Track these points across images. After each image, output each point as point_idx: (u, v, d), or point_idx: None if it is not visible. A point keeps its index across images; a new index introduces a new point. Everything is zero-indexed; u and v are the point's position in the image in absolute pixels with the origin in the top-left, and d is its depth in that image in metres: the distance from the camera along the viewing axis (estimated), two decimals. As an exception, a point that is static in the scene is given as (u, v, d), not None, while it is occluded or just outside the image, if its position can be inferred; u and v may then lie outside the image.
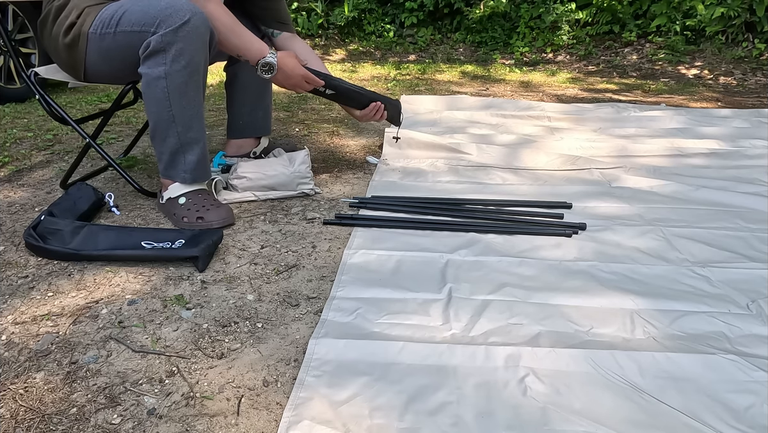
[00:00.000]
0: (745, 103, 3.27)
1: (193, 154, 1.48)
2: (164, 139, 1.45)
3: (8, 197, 1.71)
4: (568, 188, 1.80)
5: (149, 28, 1.33)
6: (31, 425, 0.84)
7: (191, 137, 1.46)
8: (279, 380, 0.94)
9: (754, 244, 1.42)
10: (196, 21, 1.32)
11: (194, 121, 1.45)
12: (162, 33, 1.31)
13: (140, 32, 1.35)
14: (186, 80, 1.38)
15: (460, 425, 0.83)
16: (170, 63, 1.34)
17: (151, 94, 1.39)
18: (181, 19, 1.31)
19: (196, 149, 1.48)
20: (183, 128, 1.43)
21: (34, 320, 1.09)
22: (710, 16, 4.34)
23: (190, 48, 1.34)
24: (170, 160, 1.48)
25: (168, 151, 1.47)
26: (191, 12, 1.32)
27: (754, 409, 0.87)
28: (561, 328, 1.07)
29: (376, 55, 5.25)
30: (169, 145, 1.46)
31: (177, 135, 1.44)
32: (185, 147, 1.46)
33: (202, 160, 1.51)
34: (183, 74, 1.36)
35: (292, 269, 1.30)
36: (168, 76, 1.36)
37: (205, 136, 1.50)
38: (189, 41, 1.33)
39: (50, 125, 2.53)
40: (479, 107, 2.97)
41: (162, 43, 1.32)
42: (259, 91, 1.92)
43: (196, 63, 1.37)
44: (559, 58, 4.96)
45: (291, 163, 1.68)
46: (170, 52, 1.33)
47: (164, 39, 1.32)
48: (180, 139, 1.45)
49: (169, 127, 1.43)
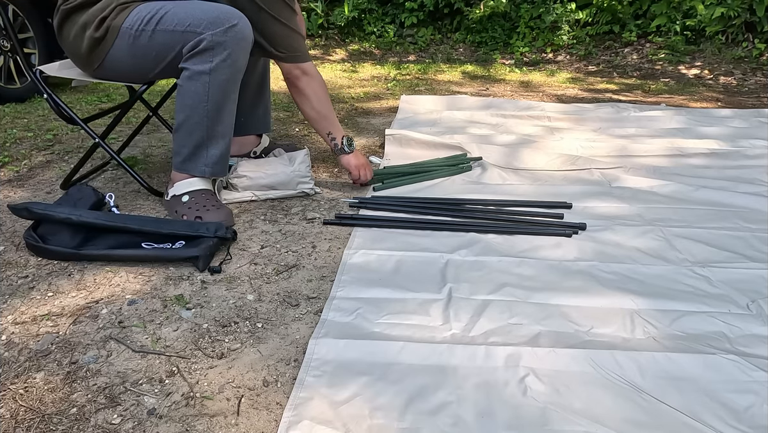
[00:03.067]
0: (745, 103, 3.27)
1: (217, 148, 1.52)
2: (191, 132, 1.49)
3: (8, 197, 1.71)
4: (568, 188, 1.80)
5: (195, 29, 1.40)
6: (31, 425, 0.84)
7: (219, 131, 1.50)
8: (279, 380, 0.94)
9: (754, 244, 1.42)
10: (243, 25, 1.41)
11: (226, 116, 1.50)
12: (213, 32, 1.38)
13: (184, 32, 1.41)
14: (228, 78, 1.44)
15: (460, 425, 0.83)
16: (218, 61, 1.41)
17: (191, 88, 1.44)
18: (231, 21, 1.39)
19: (222, 144, 1.52)
20: (213, 123, 1.48)
21: (34, 320, 1.09)
22: (710, 16, 4.34)
23: (237, 49, 1.42)
24: (192, 153, 1.51)
25: (192, 144, 1.50)
26: (239, 17, 1.41)
27: (754, 409, 0.87)
28: (561, 328, 1.07)
29: (376, 55, 5.25)
30: (194, 139, 1.49)
31: (206, 128, 1.48)
32: (211, 140, 1.50)
33: (224, 156, 1.55)
34: (227, 72, 1.43)
35: (292, 269, 1.30)
36: (212, 71, 1.42)
37: (232, 133, 1.55)
38: (236, 42, 1.41)
39: (50, 125, 2.53)
40: (479, 107, 2.97)
41: (212, 42, 1.39)
42: (258, 88, 1.94)
43: (240, 64, 1.45)
44: (559, 58, 4.96)
45: (291, 163, 1.69)
46: (218, 50, 1.40)
47: (215, 38, 1.39)
48: (208, 133, 1.49)
49: (200, 121, 1.47)
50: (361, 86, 3.69)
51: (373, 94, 3.44)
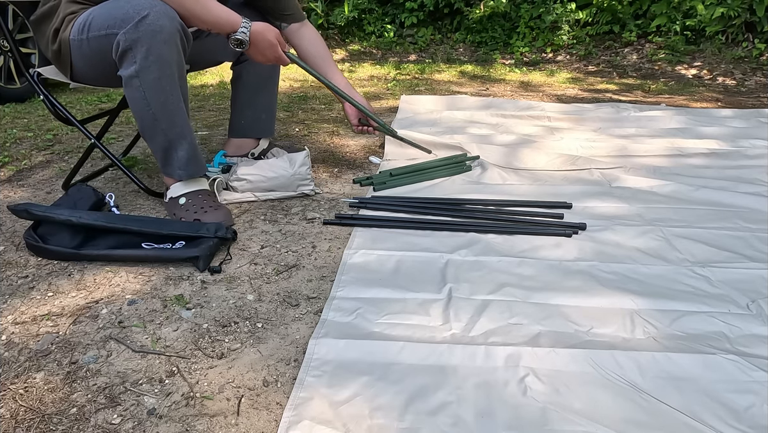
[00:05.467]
0: (745, 103, 3.27)
1: (183, 149, 1.47)
2: (152, 138, 1.45)
3: (8, 197, 1.71)
4: (568, 188, 1.80)
5: (112, 30, 1.32)
6: (31, 425, 0.84)
7: (177, 133, 1.45)
8: (279, 380, 0.94)
9: (754, 244, 1.42)
10: (156, 14, 1.29)
11: (176, 116, 1.43)
12: (125, 30, 1.29)
13: (107, 35, 1.34)
14: (158, 75, 1.35)
15: (460, 425, 0.83)
16: (140, 60, 1.32)
17: (130, 95, 1.39)
18: (140, 14, 1.28)
19: (185, 145, 1.47)
20: (167, 125, 1.42)
21: (34, 320, 1.10)
22: (710, 16, 4.34)
23: (155, 42, 1.31)
24: (164, 157, 1.48)
25: (159, 149, 1.47)
26: (149, 7, 1.29)
27: (754, 409, 0.87)
28: (561, 328, 1.07)
29: (376, 55, 5.25)
30: (158, 144, 1.46)
31: (163, 132, 1.43)
32: (174, 144, 1.45)
33: (194, 155, 1.49)
34: (154, 70, 1.34)
35: (292, 269, 1.30)
36: (140, 73, 1.34)
37: (190, 131, 1.48)
38: (152, 36, 1.30)
39: (50, 125, 2.53)
40: (479, 107, 2.96)
41: (128, 42, 1.30)
42: (263, 92, 1.91)
43: (167, 57, 1.34)
44: (559, 58, 4.96)
45: (291, 165, 1.68)
46: (137, 49, 1.31)
47: (128, 37, 1.30)
48: (167, 136, 1.44)
49: (153, 125, 1.42)
50: (360, 86, 3.69)
51: (373, 94, 3.44)
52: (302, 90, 3.55)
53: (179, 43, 1.37)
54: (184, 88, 1.44)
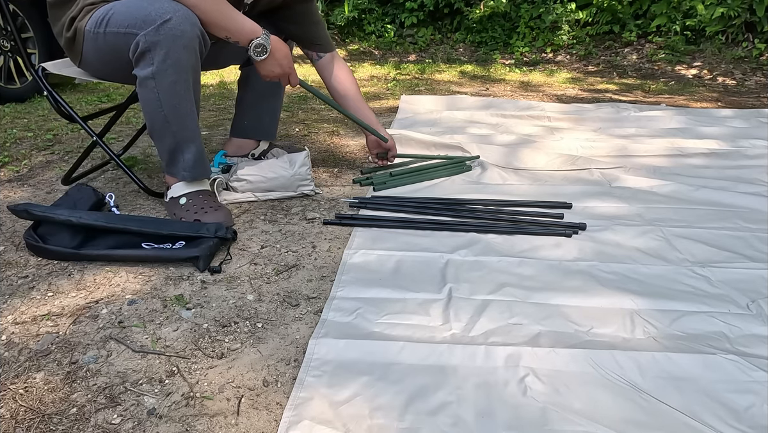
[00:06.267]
0: (745, 103, 3.27)
1: (190, 152, 1.47)
2: (161, 138, 1.45)
3: (8, 197, 1.71)
4: (568, 188, 1.80)
5: (134, 30, 1.32)
6: (31, 425, 0.84)
7: (186, 136, 1.45)
8: (279, 380, 0.94)
9: (754, 244, 1.42)
10: (178, 19, 1.30)
11: (188, 120, 1.44)
12: (145, 32, 1.30)
13: (126, 34, 1.34)
14: (175, 79, 1.36)
15: (460, 425, 0.83)
16: (157, 62, 1.33)
17: (144, 95, 1.39)
18: (162, 18, 1.29)
19: (192, 148, 1.47)
20: (178, 127, 1.43)
21: (34, 320, 1.10)
22: (710, 16, 4.34)
23: (175, 46, 1.31)
24: (170, 158, 1.49)
25: (166, 149, 1.47)
26: (173, 11, 1.30)
27: (754, 409, 0.87)
28: (561, 328, 1.07)
29: (376, 55, 5.25)
30: (166, 144, 1.46)
31: (173, 134, 1.44)
32: (182, 146, 1.46)
33: (200, 158, 1.50)
34: (171, 74, 1.35)
35: (292, 269, 1.30)
36: (156, 75, 1.35)
37: (198, 135, 1.49)
38: (172, 39, 1.30)
39: (50, 125, 2.53)
40: (479, 107, 2.97)
41: (147, 43, 1.31)
42: (268, 96, 1.91)
43: (184, 63, 1.35)
44: (559, 58, 4.96)
45: (291, 166, 1.68)
46: (155, 51, 1.31)
47: (148, 39, 1.30)
48: (176, 138, 1.45)
49: (164, 127, 1.43)
50: (360, 86, 3.68)
51: (373, 94, 3.44)
52: (302, 90, 3.55)
53: (198, 48, 1.38)
54: (197, 92, 1.45)
